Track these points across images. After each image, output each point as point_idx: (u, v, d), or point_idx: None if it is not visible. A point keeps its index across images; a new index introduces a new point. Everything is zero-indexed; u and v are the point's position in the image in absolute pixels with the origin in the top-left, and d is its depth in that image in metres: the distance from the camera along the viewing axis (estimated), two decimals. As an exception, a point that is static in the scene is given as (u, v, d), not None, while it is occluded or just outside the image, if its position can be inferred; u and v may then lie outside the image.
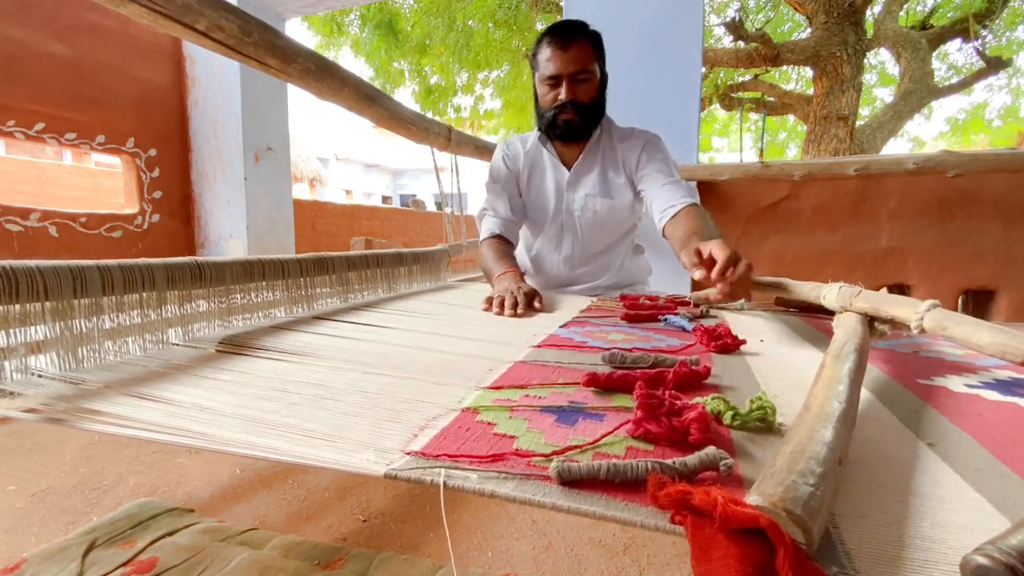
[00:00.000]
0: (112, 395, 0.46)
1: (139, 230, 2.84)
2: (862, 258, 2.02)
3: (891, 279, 2.00)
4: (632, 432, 0.39)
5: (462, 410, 0.44)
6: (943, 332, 0.53)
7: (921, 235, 1.94)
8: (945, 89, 6.04)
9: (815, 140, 5.09)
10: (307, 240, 4.26)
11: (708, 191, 2.13)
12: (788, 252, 2.11)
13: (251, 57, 1.08)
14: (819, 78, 5.12)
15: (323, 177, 12.40)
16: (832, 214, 2.04)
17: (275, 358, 0.59)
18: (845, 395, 0.38)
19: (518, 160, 1.36)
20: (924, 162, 1.82)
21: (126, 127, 2.77)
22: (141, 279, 0.58)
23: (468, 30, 6.03)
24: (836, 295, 0.75)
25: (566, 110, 1.20)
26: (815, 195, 2.05)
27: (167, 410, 0.43)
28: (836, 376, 0.43)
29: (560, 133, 1.25)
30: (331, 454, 0.36)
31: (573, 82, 1.18)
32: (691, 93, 2.14)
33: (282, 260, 0.80)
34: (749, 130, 9.54)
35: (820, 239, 2.06)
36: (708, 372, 0.53)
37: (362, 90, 1.41)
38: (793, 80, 8.13)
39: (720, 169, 2.10)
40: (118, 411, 0.43)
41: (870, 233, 2.00)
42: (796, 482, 0.26)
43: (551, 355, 0.64)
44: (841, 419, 0.34)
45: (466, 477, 0.33)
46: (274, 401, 0.46)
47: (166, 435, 0.39)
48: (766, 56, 5.33)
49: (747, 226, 2.15)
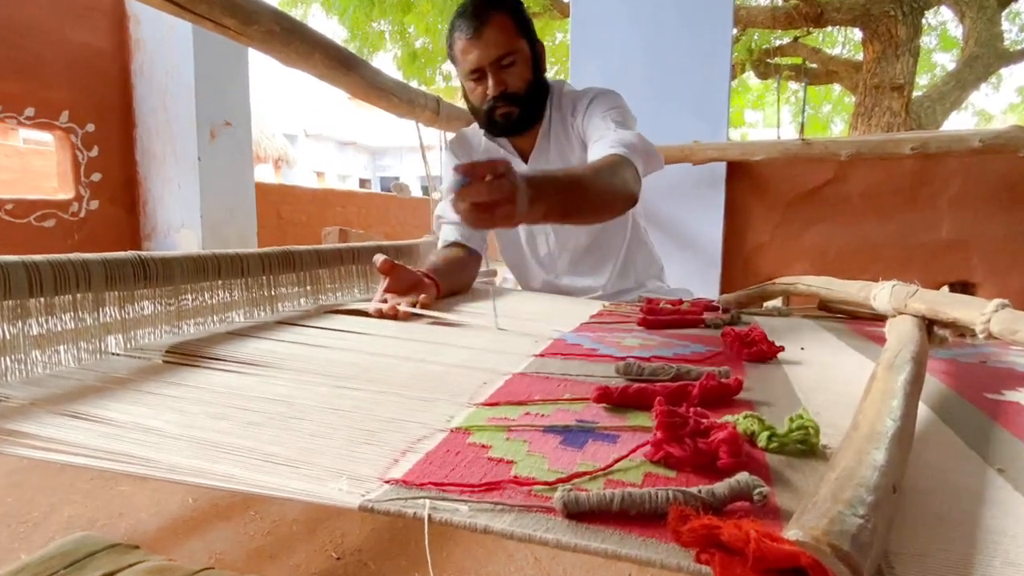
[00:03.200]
0: (40, 414, 0.46)
1: (75, 219, 2.84)
2: (919, 252, 2.02)
3: (952, 276, 2.00)
4: (651, 456, 0.39)
5: (451, 430, 0.44)
6: (1013, 337, 0.53)
7: (988, 225, 1.95)
8: (1016, 54, 6.04)
9: (864, 114, 5.09)
10: (272, 231, 4.26)
11: (739, 173, 2.13)
12: (832, 245, 2.11)
13: (204, 17, 1.08)
14: (869, 41, 5.12)
15: (290, 157, 12.40)
16: (884, 200, 2.05)
17: (232, 370, 0.59)
18: (900, 411, 0.38)
19: (473, 153, 1.35)
20: (992, 139, 1.81)
21: (59, 99, 2.76)
22: (75, 277, 0.58)
23: (460, -16, 6.03)
24: (888, 296, 0.75)
25: (499, 104, 1.19)
26: (864, 178, 2.05)
27: (105, 431, 0.43)
28: (889, 389, 0.43)
29: (501, 130, 1.25)
30: (297, 483, 0.36)
31: (498, 70, 1.17)
32: (720, 59, 2.14)
33: (241, 255, 0.80)
34: (788, 102, 9.55)
35: (870, 230, 2.07)
36: (740, 385, 0.53)
37: (335, 55, 1.41)
38: (839, 44, 8.14)
39: (754, 148, 2.10)
40: (47, 433, 0.42)
41: (929, 223, 2.00)
42: (843, 513, 0.26)
43: (556, 365, 0.64)
44: (895, 439, 0.34)
45: (455, 509, 0.33)
46: (230, 420, 0.46)
47: (103, 461, 0.39)
48: (808, 15, 5.32)
49: (785, 214, 2.15)
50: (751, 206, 2.16)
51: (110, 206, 2.99)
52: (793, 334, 0.88)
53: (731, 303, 1.09)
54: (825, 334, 0.89)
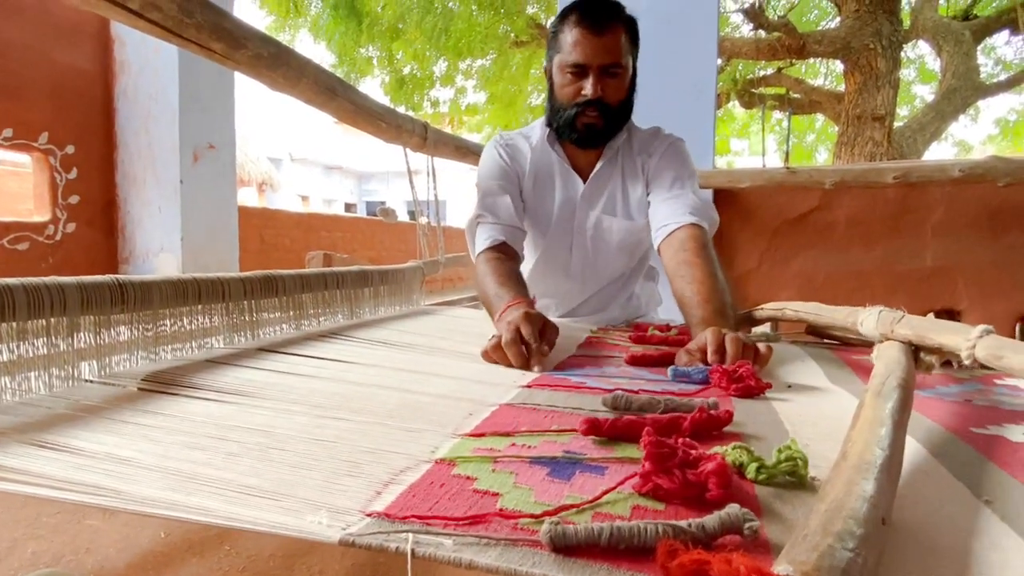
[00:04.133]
0: (7, 443, 0.45)
1: (50, 242, 2.80)
2: (904, 279, 2.06)
3: (938, 303, 2.04)
4: (639, 488, 0.39)
5: (435, 462, 0.44)
6: (999, 363, 0.54)
7: (971, 253, 1.99)
8: (993, 87, 6.28)
9: (848, 143, 5.24)
10: (254, 255, 4.23)
11: (726, 200, 2.17)
12: (819, 272, 2.15)
13: (192, 41, 1.09)
14: (851, 73, 5.29)
15: (275, 181, 12.41)
16: (869, 228, 2.09)
17: (210, 398, 0.58)
18: (888, 440, 0.39)
19: (521, 159, 1.30)
20: (971, 169, 1.87)
21: (39, 120, 2.75)
22: (50, 301, 0.57)
23: (448, 13, 6.16)
24: (875, 322, 0.76)
25: (590, 110, 1.16)
26: (849, 206, 2.10)
27: (75, 462, 0.42)
28: (877, 417, 0.43)
29: (578, 137, 1.21)
30: (275, 516, 0.35)
31: (603, 76, 1.14)
32: (706, 87, 2.20)
33: (222, 279, 0.79)
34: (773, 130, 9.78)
35: (856, 257, 2.10)
36: (730, 417, 0.53)
37: (323, 80, 1.43)
38: (822, 75, 8.40)
39: (740, 175, 2.15)
40: (14, 463, 0.41)
41: (913, 250, 2.05)
42: (833, 546, 0.26)
43: (543, 397, 0.64)
44: (884, 469, 0.34)
45: (439, 543, 0.32)
46: (208, 451, 0.45)
47: (73, 493, 0.38)
48: (790, 47, 5.51)
49: (771, 241, 2.18)
50: (738, 233, 2.20)
51: (87, 229, 2.96)
52: (782, 362, 0.89)
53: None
54: (813, 363, 0.90)
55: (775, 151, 10.23)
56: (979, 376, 0.82)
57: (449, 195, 5.21)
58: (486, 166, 1.31)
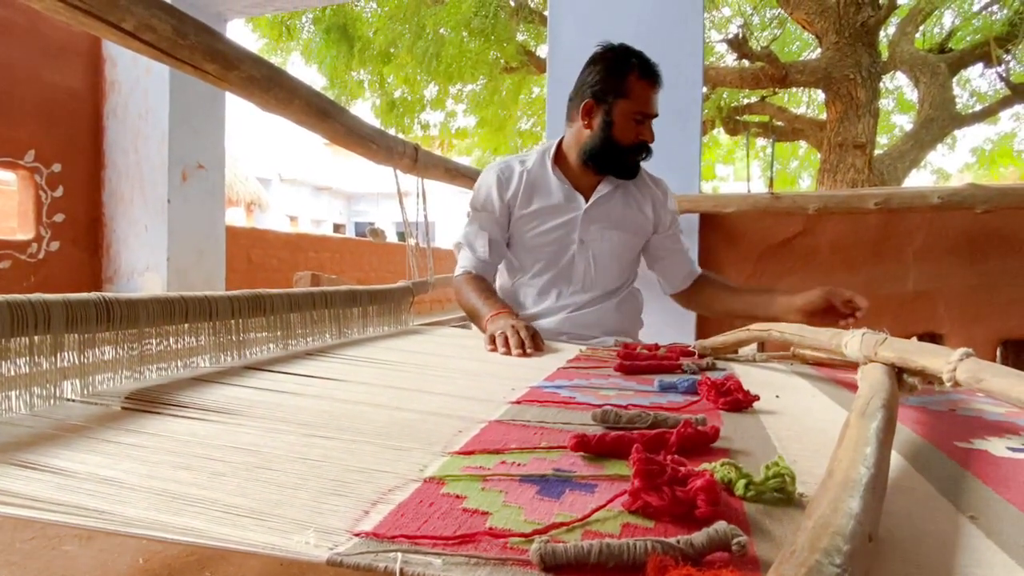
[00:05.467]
0: (-14, 463, 0.44)
1: (33, 260, 2.77)
2: (887, 303, 2.09)
3: (920, 327, 2.07)
4: (628, 505, 0.39)
5: (424, 480, 0.44)
6: (979, 385, 0.55)
7: (951, 277, 2.03)
8: (969, 117, 6.47)
9: (830, 170, 5.35)
10: (241, 275, 4.21)
11: (712, 225, 2.20)
12: (804, 295, 2.17)
13: (185, 62, 1.10)
14: (832, 102, 5.43)
15: (263, 201, 12.39)
16: (852, 252, 2.13)
17: (196, 417, 0.58)
18: (873, 459, 0.39)
19: (514, 184, 1.43)
20: (950, 196, 1.92)
21: (26, 137, 2.74)
22: (33, 319, 0.56)
23: (439, 38, 6.26)
24: (859, 344, 0.77)
25: (643, 152, 1.37)
26: (832, 231, 2.13)
27: (56, 482, 0.41)
28: (862, 437, 0.44)
29: (627, 172, 1.41)
30: (261, 536, 0.35)
31: (651, 125, 1.35)
32: (691, 115, 2.25)
33: (210, 297, 0.79)
34: (757, 157, 9.98)
35: (840, 280, 2.12)
36: (717, 433, 0.53)
37: (315, 102, 1.44)
38: (804, 104, 8.61)
39: (725, 200, 2.18)
40: (-7, 483, 0.41)
41: (895, 274, 2.08)
42: (820, 562, 0.26)
43: (532, 413, 0.64)
44: (869, 487, 0.35)
45: (428, 563, 0.32)
46: (193, 470, 0.44)
47: (53, 514, 0.37)
48: (773, 77, 5.65)
49: (757, 265, 2.21)
50: (724, 256, 2.22)
51: (72, 248, 2.93)
52: (768, 382, 0.89)
53: (707, 349, 1.11)
54: (799, 382, 0.91)
55: (759, 177, 10.43)
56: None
57: (439, 216, 5.23)
58: (481, 196, 1.46)
